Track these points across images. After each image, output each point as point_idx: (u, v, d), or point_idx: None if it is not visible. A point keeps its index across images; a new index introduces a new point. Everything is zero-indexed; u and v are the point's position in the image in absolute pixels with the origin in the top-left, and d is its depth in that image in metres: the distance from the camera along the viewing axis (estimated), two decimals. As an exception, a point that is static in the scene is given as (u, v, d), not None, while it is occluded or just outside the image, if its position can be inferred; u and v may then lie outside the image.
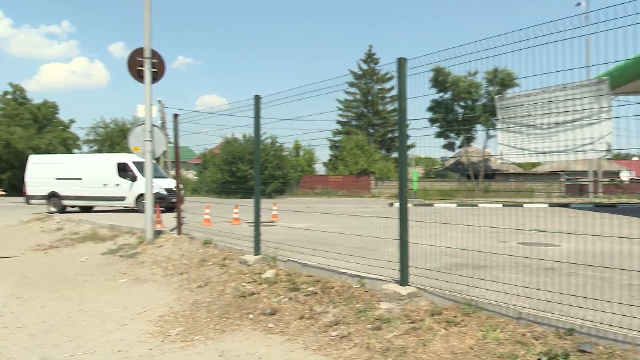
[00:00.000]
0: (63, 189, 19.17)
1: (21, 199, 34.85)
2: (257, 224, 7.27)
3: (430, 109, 34.27)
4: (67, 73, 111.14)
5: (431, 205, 21.74)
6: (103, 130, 49.17)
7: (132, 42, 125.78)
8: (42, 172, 19.91)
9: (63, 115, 59.66)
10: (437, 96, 34.10)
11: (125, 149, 46.66)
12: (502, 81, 31.51)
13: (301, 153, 43.04)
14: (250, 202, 8.22)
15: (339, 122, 48.55)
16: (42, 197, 19.47)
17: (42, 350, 4.58)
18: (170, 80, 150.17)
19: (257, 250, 7.23)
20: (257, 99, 7.14)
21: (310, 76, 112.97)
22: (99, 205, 19.12)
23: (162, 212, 17.04)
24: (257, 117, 7.16)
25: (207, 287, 6.61)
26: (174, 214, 12.93)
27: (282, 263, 6.83)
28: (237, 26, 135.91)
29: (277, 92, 6.92)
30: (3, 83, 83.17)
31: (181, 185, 20.50)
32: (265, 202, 7.93)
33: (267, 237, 7.91)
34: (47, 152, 47.45)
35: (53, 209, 19.18)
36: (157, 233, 10.10)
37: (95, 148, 49.36)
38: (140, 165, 18.37)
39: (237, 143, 35.96)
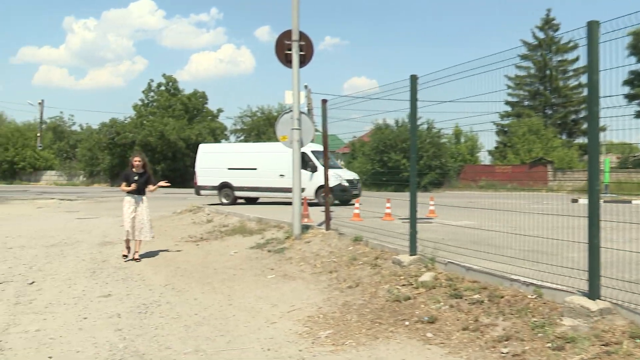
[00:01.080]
0: (236, 180, 19.94)
1: (175, 190, 38.93)
2: (413, 220, 7.24)
3: (627, 82, 30.90)
4: (215, 61, 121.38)
5: (628, 202, 19.67)
6: (250, 119, 52.81)
7: (278, 26, 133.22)
8: (212, 161, 20.62)
9: (211, 105, 65.29)
10: (638, 66, 30.62)
11: (272, 138, 49.58)
12: None
13: (462, 140, 41.77)
14: (403, 196, 8.20)
15: (508, 102, 46.08)
16: (213, 188, 20.35)
17: (196, 342, 5.09)
18: (316, 63, 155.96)
19: (412, 250, 7.21)
20: (414, 79, 7.09)
21: (474, 52, 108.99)
22: (274, 197, 19.45)
23: (338, 205, 17.70)
24: (413, 100, 7.11)
25: (358, 288, 6.76)
26: (321, 208, 13.45)
27: (442, 265, 6.71)
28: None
29: (436, 71, 6.79)
30: (157, 75, 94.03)
31: (357, 177, 20.73)
32: (420, 196, 7.85)
33: (423, 236, 7.84)
34: (196, 143, 52.50)
35: (225, 201, 20.03)
36: (305, 228, 10.59)
37: (242, 138, 53.29)
38: (318, 155, 18.74)
39: (389, 130, 36.07)
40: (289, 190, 19.08)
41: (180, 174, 53.83)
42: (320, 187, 18.13)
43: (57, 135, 66.88)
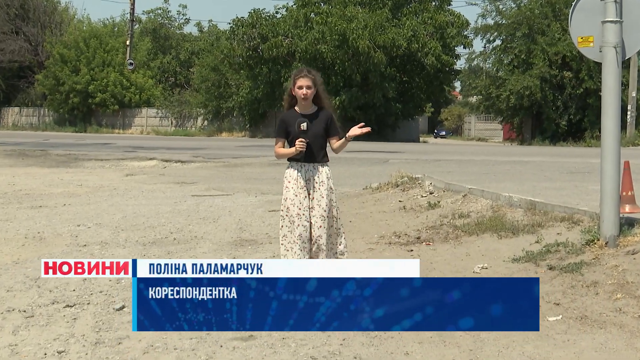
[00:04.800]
0: None
1: (367, 145, 39.89)
2: None
3: None
4: None
5: None
6: (514, 6, 52.08)
7: None
8: None
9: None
10: None
11: (561, 39, 48.67)
12: None
13: None
14: None
15: None
16: None
17: None
18: None
19: None
20: None
21: None
22: None
23: None
24: None
25: None
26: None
27: None
28: None
29: None
30: None
31: None
32: None
33: None
34: (408, 55, 52.94)
35: None
36: (628, 224, 10.27)
37: (498, 43, 52.78)
38: None
39: None
40: None
41: (377, 115, 54.93)
42: None
43: (159, 43, 72.26)
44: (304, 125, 8.47)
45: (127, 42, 65.03)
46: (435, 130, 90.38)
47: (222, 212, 15.72)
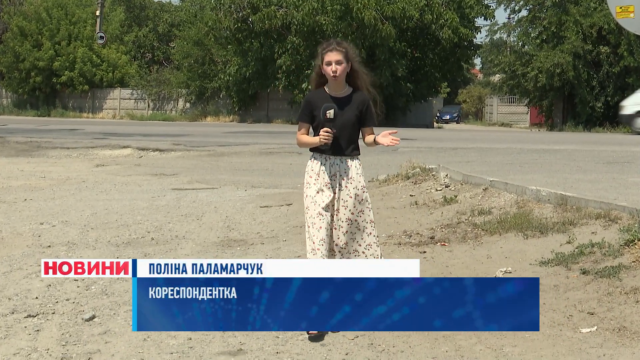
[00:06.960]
0: None
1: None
2: None
3: None
4: None
5: None
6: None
7: None
8: None
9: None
10: None
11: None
12: None
13: None
14: None
15: None
16: None
17: None
18: None
19: None
20: None
21: None
22: None
23: None
24: None
25: None
26: None
27: None
28: None
29: None
30: None
31: None
32: None
33: None
34: (419, 29, 52.88)
35: None
36: (672, 222, 10.25)
37: (529, 9, 52.64)
38: None
39: None
40: None
41: (385, 96, 54.64)
42: None
43: (134, 14, 71.98)
44: (330, 113, 8.01)
45: (97, 13, 64.73)
46: (438, 114, 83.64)
47: (207, 208, 15.71)
